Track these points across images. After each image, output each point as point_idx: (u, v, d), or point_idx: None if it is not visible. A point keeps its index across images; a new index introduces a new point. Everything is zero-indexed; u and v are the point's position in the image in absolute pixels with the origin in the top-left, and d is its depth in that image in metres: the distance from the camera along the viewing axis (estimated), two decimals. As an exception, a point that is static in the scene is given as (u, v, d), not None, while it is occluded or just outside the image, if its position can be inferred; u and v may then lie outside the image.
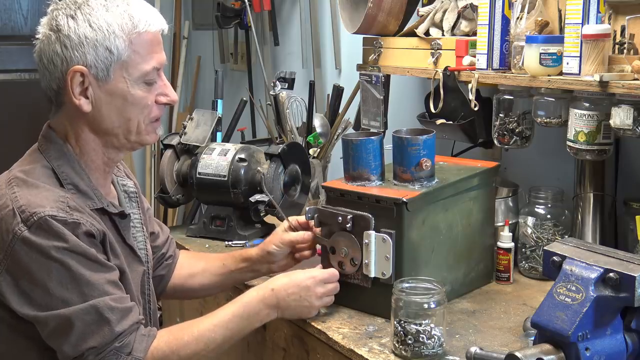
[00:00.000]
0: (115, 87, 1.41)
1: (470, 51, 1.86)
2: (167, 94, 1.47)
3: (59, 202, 1.35)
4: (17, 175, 1.40)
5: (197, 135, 2.24)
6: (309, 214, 1.67)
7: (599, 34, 1.52)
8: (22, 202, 1.33)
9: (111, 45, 1.38)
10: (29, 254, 1.31)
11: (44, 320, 1.34)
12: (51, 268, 1.31)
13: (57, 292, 1.32)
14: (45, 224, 1.31)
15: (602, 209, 1.83)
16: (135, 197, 1.62)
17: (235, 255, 1.78)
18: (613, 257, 1.27)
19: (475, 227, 1.74)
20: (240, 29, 3.38)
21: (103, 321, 1.34)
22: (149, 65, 1.42)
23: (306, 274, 1.55)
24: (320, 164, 2.44)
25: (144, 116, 1.44)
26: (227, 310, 1.49)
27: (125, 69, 1.40)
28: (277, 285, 1.52)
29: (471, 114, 1.92)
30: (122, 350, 1.35)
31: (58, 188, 1.39)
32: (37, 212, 1.32)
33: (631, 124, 1.53)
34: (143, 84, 1.43)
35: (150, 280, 1.61)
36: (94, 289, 1.34)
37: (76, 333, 1.33)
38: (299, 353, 1.65)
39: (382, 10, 2.06)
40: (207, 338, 1.44)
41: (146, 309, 1.58)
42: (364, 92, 2.21)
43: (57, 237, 1.31)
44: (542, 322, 1.24)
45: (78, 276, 1.33)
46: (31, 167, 1.42)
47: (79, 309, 1.32)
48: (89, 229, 1.36)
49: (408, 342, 1.40)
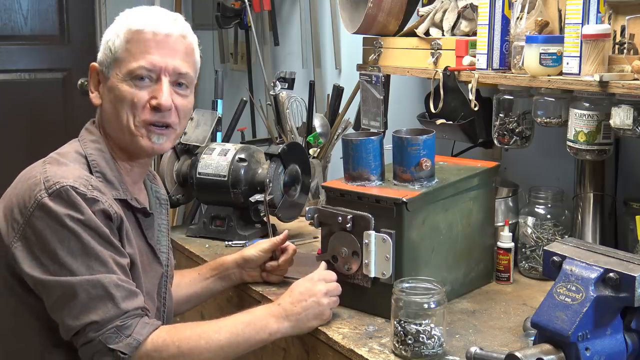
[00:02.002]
0: (111, 82, 1.49)
1: (470, 51, 1.86)
2: (156, 97, 1.47)
3: (83, 179, 1.40)
4: (52, 155, 1.49)
5: (197, 135, 2.24)
6: (309, 214, 1.67)
7: (599, 34, 1.52)
8: (49, 174, 1.40)
9: (112, 44, 1.49)
10: (45, 219, 1.35)
11: (50, 286, 1.35)
12: (63, 236, 1.35)
13: (66, 261, 1.34)
14: (65, 194, 1.36)
15: (602, 209, 1.83)
16: (166, 205, 1.69)
17: (211, 263, 1.83)
18: (613, 257, 1.27)
19: (475, 227, 1.75)
20: (240, 29, 3.39)
21: (107, 296, 1.35)
22: (137, 64, 1.46)
23: (303, 279, 1.56)
24: (320, 164, 2.44)
25: (132, 114, 1.47)
26: (234, 316, 1.49)
27: (117, 66, 1.48)
28: (282, 300, 1.52)
29: (471, 114, 1.92)
30: (122, 330, 1.35)
31: (86, 172, 1.45)
32: (59, 182, 1.37)
33: (631, 124, 1.53)
34: (130, 81, 1.47)
35: (167, 284, 1.63)
36: (102, 264, 1.36)
37: (79, 304, 1.34)
38: (299, 353, 1.65)
39: (382, 10, 2.06)
40: (210, 337, 1.43)
41: (160, 311, 1.59)
42: (364, 92, 2.21)
43: (74, 207, 1.36)
44: (542, 322, 1.24)
45: (88, 249, 1.35)
46: (66, 150, 1.50)
47: (85, 279, 1.34)
48: (107, 208, 1.39)
49: (408, 342, 1.40)
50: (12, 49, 3.92)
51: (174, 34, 1.49)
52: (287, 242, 1.82)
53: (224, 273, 1.80)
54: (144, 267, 1.51)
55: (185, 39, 1.52)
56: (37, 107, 3.98)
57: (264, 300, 1.72)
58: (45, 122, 3.98)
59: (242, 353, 1.47)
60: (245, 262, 1.79)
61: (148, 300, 1.50)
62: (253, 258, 1.79)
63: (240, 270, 1.80)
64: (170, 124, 1.50)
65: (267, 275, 1.81)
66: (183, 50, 1.50)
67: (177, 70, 1.49)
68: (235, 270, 1.80)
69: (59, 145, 1.55)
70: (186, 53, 1.51)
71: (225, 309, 1.95)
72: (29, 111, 3.97)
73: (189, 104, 1.54)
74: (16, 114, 3.91)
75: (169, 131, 1.50)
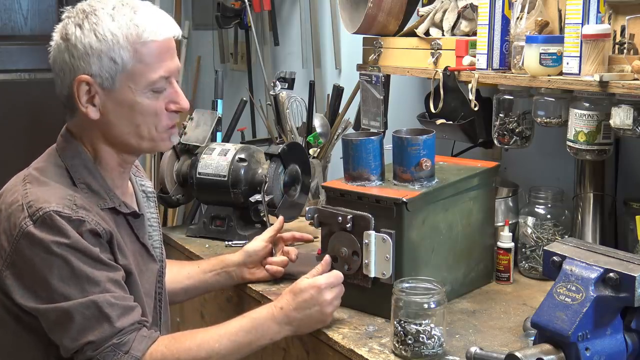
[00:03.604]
0: (121, 95, 1.41)
1: (470, 51, 1.86)
2: (177, 102, 1.45)
3: (66, 200, 1.37)
4: (31, 172, 1.43)
5: (197, 135, 2.24)
6: (309, 214, 1.67)
7: (599, 34, 1.52)
8: (31, 198, 1.36)
9: (115, 56, 1.38)
10: (32, 248, 1.33)
11: (45, 313, 1.35)
12: (52, 263, 1.33)
13: (58, 287, 1.33)
14: (49, 219, 1.33)
15: (602, 209, 1.83)
16: (153, 197, 1.66)
17: (212, 259, 1.83)
18: (613, 257, 1.27)
19: (475, 227, 1.74)
20: (240, 29, 3.38)
21: (102, 316, 1.34)
22: (156, 75, 1.41)
23: (308, 283, 1.51)
24: (320, 164, 2.44)
25: (154, 124, 1.44)
26: (235, 323, 1.48)
27: (131, 79, 1.40)
28: (285, 303, 1.49)
29: (471, 114, 1.92)
30: (120, 347, 1.35)
31: (69, 187, 1.41)
32: (42, 208, 1.34)
33: (631, 124, 1.53)
34: (150, 92, 1.41)
35: (163, 280, 1.62)
36: (94, 285, 1.35)
37: (76, 327, 1.34)
38: (299, 353, 1.65)
39: (382, 10, 2.06)
40: (210, 347, 1.42)
41: (157, 308, 1.58)
42: (364, 92, 2.21)
43: (59, 232, 1.33)
44: (542, 322, 1.24)
45: (78, 272, 1.34)
46: (45, 164, 1.45)
47: (79, 303, 1.33)
48: (94, 227, 1.37)
49: (408, 342, 1.40)
50: (12, 49, 3.92)
51: (175, 34, 1.45)
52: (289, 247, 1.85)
53: (224, 270, 1.79)
54: (140, 270, 1.49)
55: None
56: (37, 107, 3.99)
57: (264, 300, 1.72)
58: (45, 122, 3.96)
59: (243, 357, 1.47)
60: (248, 256, 1.79)
61: (148, 300, 1.50)
62: (256, 249, 1.79)
63: (241, 268, 1.79)
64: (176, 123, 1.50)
65: (269, 268, 1.80)
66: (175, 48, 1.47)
67: (179, 69, 1.48)
68: (236, 268, 1.79)
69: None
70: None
71: (225, 309, 1.95)
72: (29, 111, 3.97)
73: None
74: (16, 114, 3.91)
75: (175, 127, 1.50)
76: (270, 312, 1.49)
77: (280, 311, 1.49)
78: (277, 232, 1.83)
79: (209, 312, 2.05)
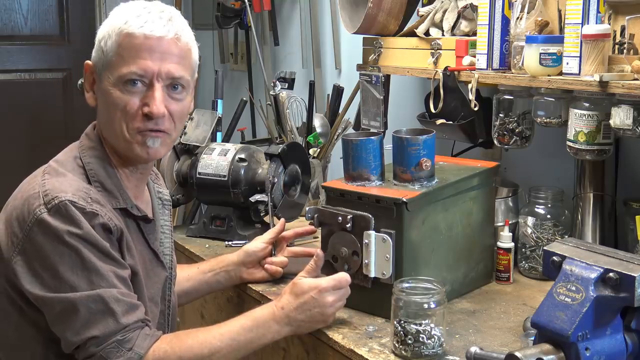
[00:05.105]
0: (103, 84, 1.45)
1: (470, 51, 1.86)
2: (148, 104, 1.41)
3: (82, 192, 1.38)
4: (51, 164, 1.46)
5: (197, 135, 2.24)
6: (309, 214, 1.67)
7: (599, 34, 1.52)
8: (48, 187, 1.38)
9: (105, 46, 1.43)
10: (44, 235, 1.34)
11: (50, 302, 1.35)
12: (63, 252, 1.33)
13: (66, 277, 1.33)
14: (64, 209, 1.34)
15: (602, 209, 1.83)
16: (169, 205, 1.67)
17: (211, 259, 1.83)
18: (613, 257, 1.27)
19: (475, 227, 1.75)
20: (240, 29, 3.38)
21: (108, 311, 1.34)
22: (127, 69, 1.40)
23: (309, 285, 1.50)
24: (320, 164, 2.44)
25: (125, 121, 1.43)
26: (236, 322, 1.48)
27: (108, 69, 1.43)
28: (286, 304, 1.49)
29: (471, 114, 1.92)
30: (123, 344, 1.35)
31: (84, 182, 1.43)
32: (58, 197, 1.35)
33: (631, 124, 1.53)
34: (122, 85, 1.42)
35: (172, 287, 1.62)
36: (102, 279, 1.35)
37: (80, 319, 1.33)
38: (299, 353, 1.65)
39: (382, 10, 2.06)
40: (212, 345, 1.42)
41: (165, 314, 1.58)
42: (364, 92, 2.21)
43: (73, 222, 1.34)
44: (542, 322, 1.24)
45: (88, 264, 1.34)
46: (65, 158, 1.47)
47: (85, 295, 1.33)
48: (106, 222, 1.37)
49: (408, 342, 1.40)
50: (12, 49, 3.92)
51: (167, 36, 1.41)
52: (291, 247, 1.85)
53: (224, 270, 1.79)
54: (147, 274, 1.50)
55: (179, 41, 1.44)
56: (37, 107, 3.99)
57: (263, 300, 1.72)
58: (45, 122, 3.98)
59: (243, 356, 1.47)
60: (247, 256, 1.79)
61: (152, 305, 1.50)
62: (255, 249, 1.80)
63: (240, 268, 1.79)
64: (164, 131, 1.45)
65: (268, 268, 1.80)
66: (177, 53, 1.43)
67: (170, 75, 1.42)
68: (235, 268, 1.79)
69: (59, 145, 1.54)
70: (180, 56, 1.44)
71: (225, 309, 1.95)
72: (29, 111, 3.96)
73: (185, 107, 1.49)
74: (16, 114, 3.91)
75: (163, 135, 1.45)
76: (271, 312, 1.49)
77: (281, 311, 1.49)
78: (277, 234, 1.83)
79: (209, 313, 2.05)
